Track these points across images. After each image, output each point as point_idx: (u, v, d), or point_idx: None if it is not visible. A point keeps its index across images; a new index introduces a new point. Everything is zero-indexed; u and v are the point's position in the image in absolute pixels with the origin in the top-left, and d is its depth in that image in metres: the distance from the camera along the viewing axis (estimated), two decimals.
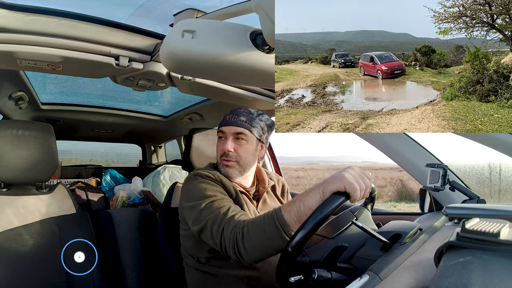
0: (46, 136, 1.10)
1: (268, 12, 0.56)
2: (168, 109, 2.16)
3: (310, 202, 0.67)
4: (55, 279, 1.01)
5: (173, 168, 2.24)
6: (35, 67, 1.04)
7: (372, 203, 0.93)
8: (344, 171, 0.68)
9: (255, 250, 0.73)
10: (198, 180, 0.94)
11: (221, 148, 1.00)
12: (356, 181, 0.66)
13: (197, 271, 0.98)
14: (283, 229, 0.69)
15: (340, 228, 0.82)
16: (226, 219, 0.80)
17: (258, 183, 1.09)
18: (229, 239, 0.77)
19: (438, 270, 0.36)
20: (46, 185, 1.15)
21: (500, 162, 1.18)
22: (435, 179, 0.90)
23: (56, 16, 0.92)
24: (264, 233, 0.71)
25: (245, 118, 1.00)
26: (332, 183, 0.66)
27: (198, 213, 0.86)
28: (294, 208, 0.69)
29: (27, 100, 1.63)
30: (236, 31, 0.61)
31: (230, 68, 0.63)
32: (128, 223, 1.31)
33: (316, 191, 0.68)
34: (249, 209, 0.97)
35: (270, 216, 0.72)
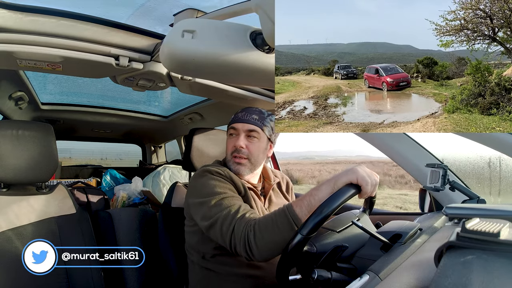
0: (46, 136, 1.10)
1: (268, 12, 0.56)
2: (168, 109, 2.16)
3: (321, 195, 0.69)
4: (55, 279, 1.01)
5: (173, 168, 2.24)
6: (35, 67, 1.04)
7: (370, 209, 0.93)
8: (356, 166, 0.70)
9: (267, 246, 0.74)
10: (208, 177, 0.93)
11: (233, 145, 1.00)
12: (368, 176, 0.69)
13: (201, 269, 0.97)
14: (295, 223, 0.70)
15: (345, 224, 0.82)
16: (237, 218, 0.80)
17: (264, 180, 1.10)
18: (239, 237, 0.77)
19: (438, 270, 0.36)
20: (46, 185, 1.15)
21: (500, 162, 1.18)
22: (435, 179, 0.90)
23: (56, 16, 0.92)
24: (276, 229, 0.72)
25: (258, 117, 1.00)
26: (344, 176, 0.69)
27: (207, 209, 0.86)
28: (305, 202, 0.71)
29: (27, 100, 1.63)
30: (236, 31, 0.61)
31: (230, 68, 0.63)
32: (128, 223, 1.31)
33: (327, 184, 0.70)
34: (257, 205, 0.98)
35: (281, 212, 0.74)
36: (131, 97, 1.90)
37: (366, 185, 0.68)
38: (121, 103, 2.05)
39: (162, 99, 2.01)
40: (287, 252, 0.66)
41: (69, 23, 0.94)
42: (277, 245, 0.73)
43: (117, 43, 1.02)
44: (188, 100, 1.88)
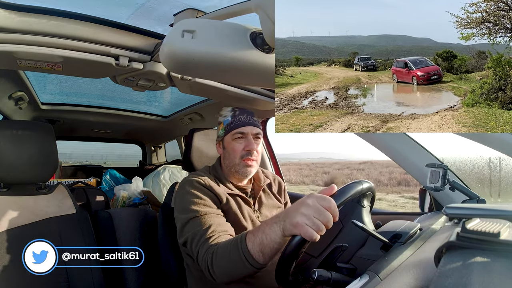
0: (46, 136, 1.10)
1: (268, 12, 0.56)
2: (168, 109, 2.16)
3: (272, 236, 0.69)
4: (56, 279, 1.01)
5: (173, 168, 2.24)
6: (35, 67, 1.04)
7: (371, 204, 0.93)
8: (298, 212, 0.64)
9: (223, 274, 0.78)
10: (186, 190, 0.95)
11: (245, 148, 1.00)
12: (312, 224, 0.62)
13: (197, 271, 0.98)
14: (247, 259, 0.72)
15: (324, 246, 0.83)
16: (202, 241, 0.84)
17: (254, 181, 1.10)
18: (201, 261, 0.82)
19: (438, 270, 0.36)
20: (46, 185, 1.15)
21: (500, 162, 1.18)
22: (435, 179, 0.90)
23: (56, 16, 0.92)
24: (230, 260, 0.75)
25: (256, 119, 1.04)
26: (290, 226, 0.65)
27: (181, 226, 0.91)
28: (257, 240, 0.71)
29: (27, 100, 1.63)
30: (236, 31, 0.61)
31: (230, 68, 0.63)
32: (128, 223, 1.31)
33: (277, 226, 0.68)
34: (243, 211, 0.98)
35: (235, 244, 0.75)
36: (131, 97, 1.90)
37: (311, 238, 0.62)
38: (121, 103, 2.05)
39: (162, 99, 2.01)
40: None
41: (69, 23, 0.94)
42: (232, 274, 0.77)
43: (117, 43, 1.02)
44: (188, 100, 1.88)
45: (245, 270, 0.73)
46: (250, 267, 0.72)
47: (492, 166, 1.20)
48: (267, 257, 0.71)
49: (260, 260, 0.71)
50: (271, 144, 1.88)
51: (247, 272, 0.74)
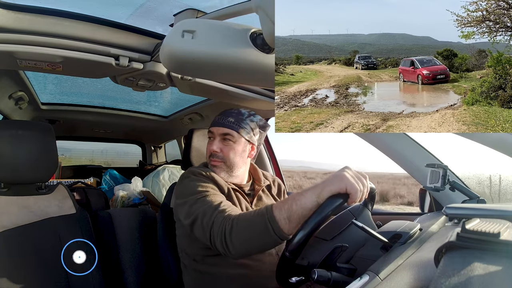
0: (46, 136, 1.09)
1: (268, 12, 0.56)
2: (168, 109, 2.16)
3: (303, 201, 0.67)
4: (55, 279, 1.01)
5: (173, 168, 2.24)
6: (35, 67, 1.04)
7: (372, 202, 0.93)
8: (343, 171, 0.67)
9: (242, 244, 0.73)
10: (190, 178, 0.95)
11: (209, 149, 1.02)
12: (357, 182, 0.65)
13: (194, 271, 0.98)
14: (272, 225, 0.69)
15: (338, 230, 0.82)
16: (217, 212, 0.80)
17: (254, 181, 1.10)
18: (217, 231, 0.77)
19: (438, 270, 0.36)
20: (46, 185, 1.15)
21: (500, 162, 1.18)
22: (435, 179, 0.90)
23: (56, 16, 0.92)
24: (252, 227, 0.72)
25: (234, 119, 1.00)
26: (332, 184, 0.65)
27: (189, 207, 0.87)
28: (285, 206, 0.69)
29: (27, 100, 1.63)
30: (236, 31, 0.61)
31: (230, 68, 0.63)
32: (128, 223, 1.31)
33: (312, 191, 0.67)
34: (241, 206, 0.98)
35: (260, 211, 0.73)
36: (131, 97, 1.90)
37: (356, 193, 0.64)
38: (121, 103, 2.05)
39: (162, 99, 2.01)
40: (279, 267, 0.66)
41: (69, 23, 0.94)
42: (251, 244, 0.73)
43: (117, 43, 1.02)
44: (188, 100, 1.88)
45: (268, 239, 0.70)
46: (274, 235, 0.69)
47: (492, 166, 1.20)
48: (292, 225, 0.68)
49: (285, 228, 0.68)
50: (271, 145, 1.87)
51: (269, 242, 0.70)
